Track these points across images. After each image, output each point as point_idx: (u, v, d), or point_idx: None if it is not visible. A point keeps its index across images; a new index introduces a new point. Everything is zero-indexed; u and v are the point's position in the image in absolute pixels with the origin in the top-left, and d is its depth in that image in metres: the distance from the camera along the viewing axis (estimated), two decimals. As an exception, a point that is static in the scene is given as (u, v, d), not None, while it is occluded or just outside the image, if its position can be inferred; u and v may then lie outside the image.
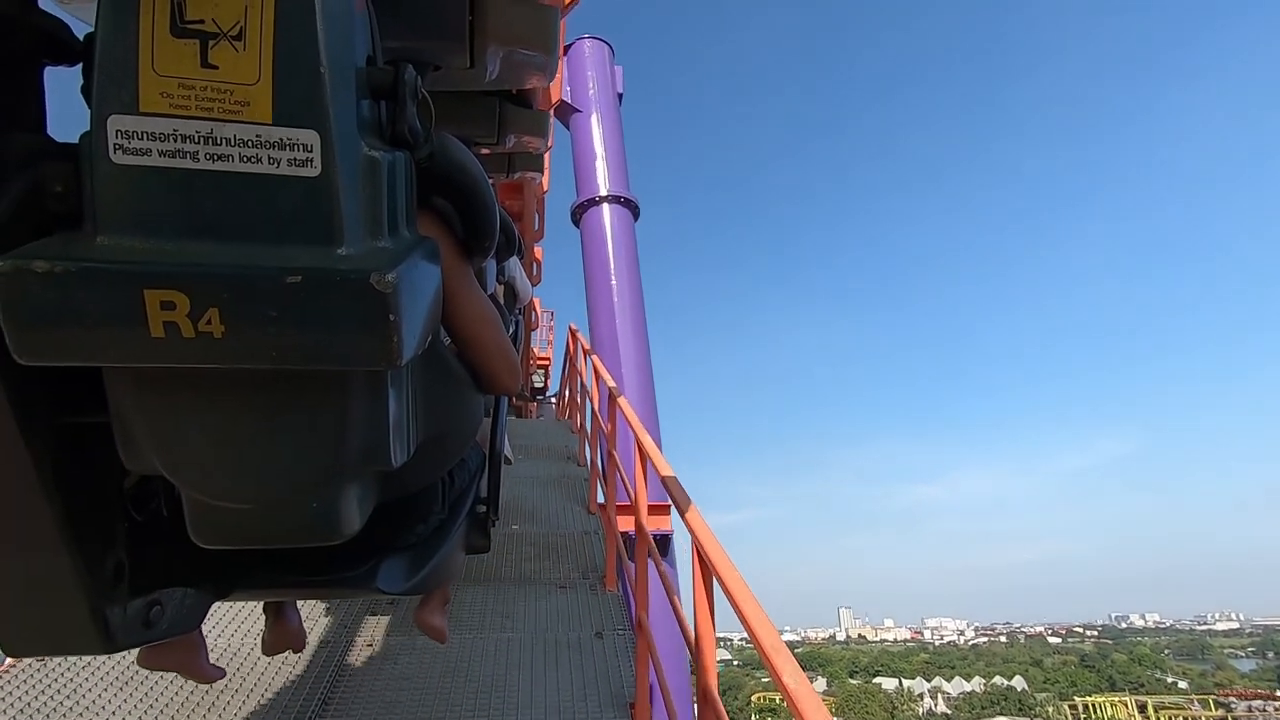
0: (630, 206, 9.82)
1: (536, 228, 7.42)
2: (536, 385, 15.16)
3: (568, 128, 10.33)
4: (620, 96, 10.76)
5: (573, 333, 7.26)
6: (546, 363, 15.64)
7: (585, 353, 5.96)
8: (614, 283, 9.16)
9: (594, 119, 10.19)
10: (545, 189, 6.90)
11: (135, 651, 0.98)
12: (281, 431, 0.73)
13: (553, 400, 15.57)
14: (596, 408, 4.93)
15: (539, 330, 14.69)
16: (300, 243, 0.67)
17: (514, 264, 1.67)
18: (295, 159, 0.66)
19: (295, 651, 1.59)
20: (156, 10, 0.64)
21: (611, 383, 4.39)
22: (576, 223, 9.88)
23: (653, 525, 4.86)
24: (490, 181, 0.98)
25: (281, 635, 1.52)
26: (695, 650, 1.91)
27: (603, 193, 9.67)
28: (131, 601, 0.85)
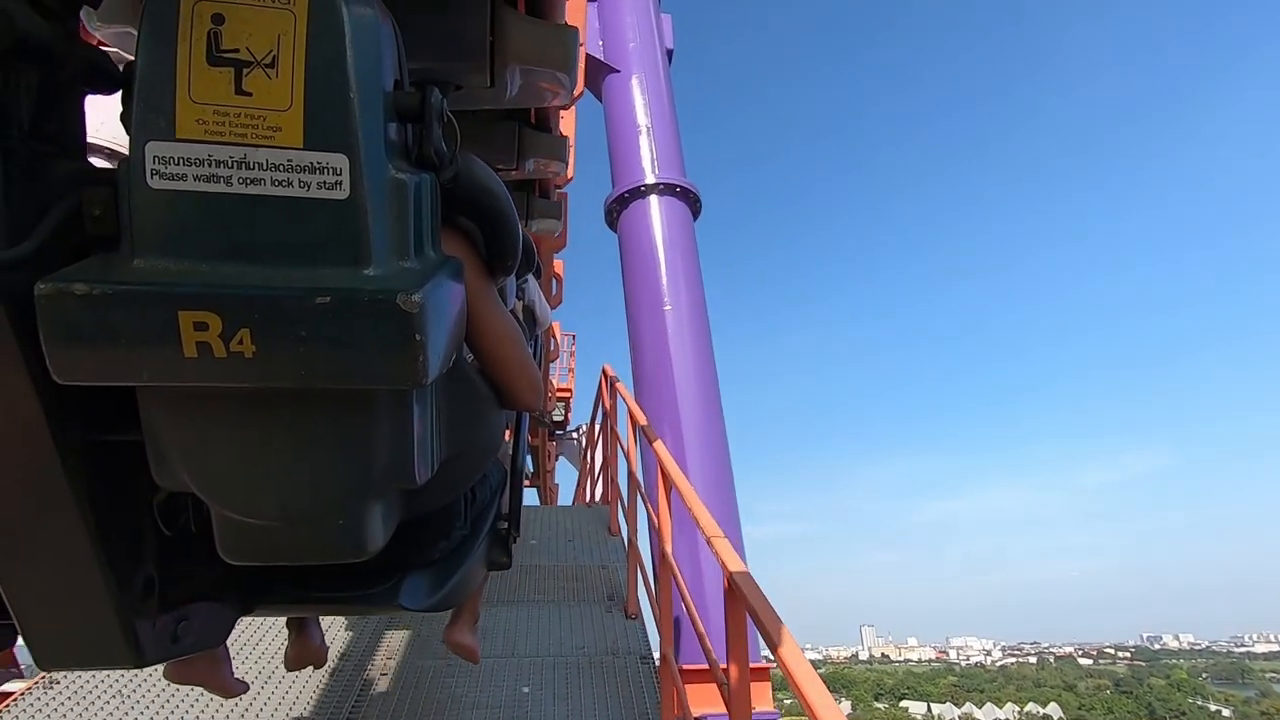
0: (688, 199, 6.88)
1: (557, 234, 5.10)
2: (556, 419, 13.62)
3: (599, 97, 7.54)
4: (670, 54, 7.88)
5: (607, 379, 4.88)
6: (568, 395, 13.68)
7: (636, 425, 3.72)
8: (668, 308, 6.30)
9: (635, 82, 7.22)
10: (569, 177, 4.98)
11: (157, 668, 0.99)
12: (309, 449, 0.74)
13: (574, 436, 14.38)
14: (661, 528, 2.82)
15: (559, 359, 12.91)
16: (329, 264, 0.68)
17: (533, 287, 1.67)
18: (325, 182, 0.68)
19: (317, 667, 1.59)
20: (194, 41, 0.66)
21: (679, 478, 2.60)
22: (612, 224, 7.10)
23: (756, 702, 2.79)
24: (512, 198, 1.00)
25: (304, 651, 1.53)
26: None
27: (649, 180, 6.75)
28: (160, 616, 0.86)
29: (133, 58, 0.68)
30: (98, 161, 0.88)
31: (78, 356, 0.63)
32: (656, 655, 2.87)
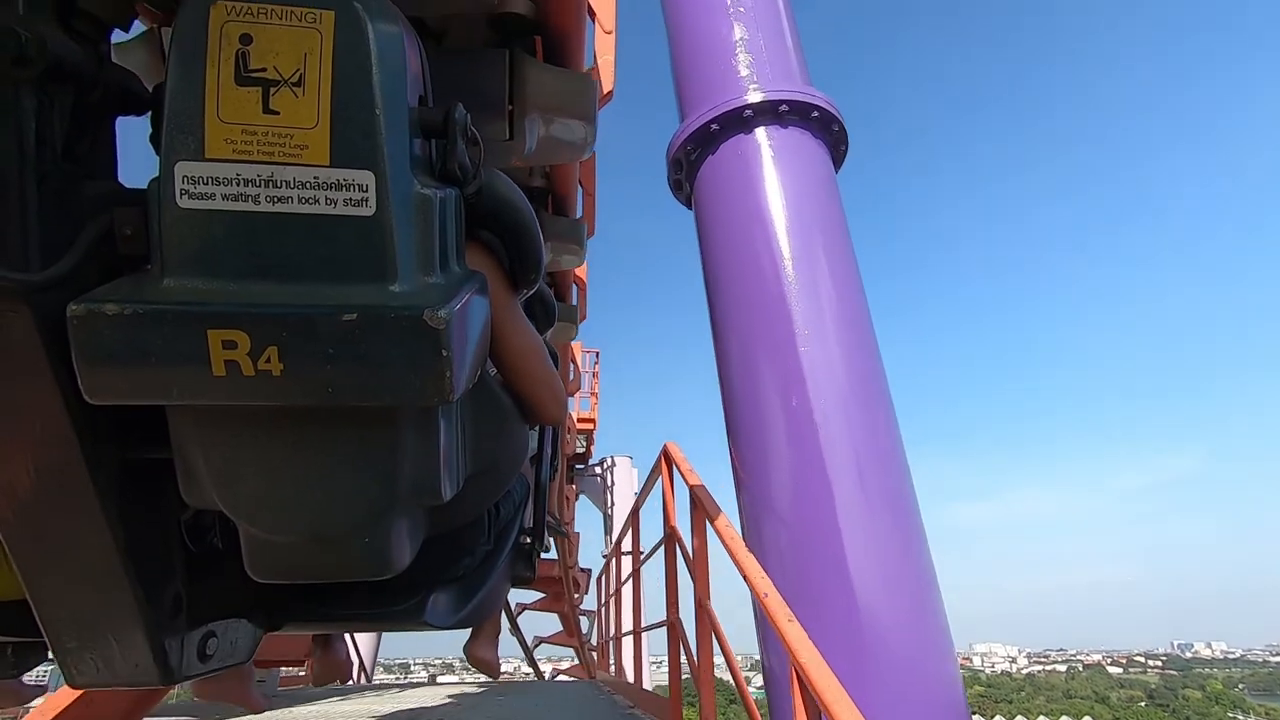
0: (825, 129, 3.93)
1: (579, 214, 2.91)
2: (578, 451, 11.92)
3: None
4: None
5: (669, 460, 3.08)
6: (590, 426, 11.84)
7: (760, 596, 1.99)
8: (803, 334, 3.33)
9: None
10: (606, 91, 2.82)
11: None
12: (335, 467, 0.74)
13: (596, 472, 13.37)
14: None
15: (579, 382, 10.88)
16: (356, 280, 0.68)
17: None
18: (351, 199, 0.68)
19: (342, 682, 1.59)
20: (222, 62, 0.67)
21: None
22: (683, 185, 4.25)
23: None
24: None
25: (330, 666, 1.53)
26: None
27: (753, 98, 3.79)
28: (188, 633, 0.86)
29: (164, 80, 0.69)
30: None
31: (109, 376, 0.64)
32: None
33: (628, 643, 5.41)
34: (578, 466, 12.80)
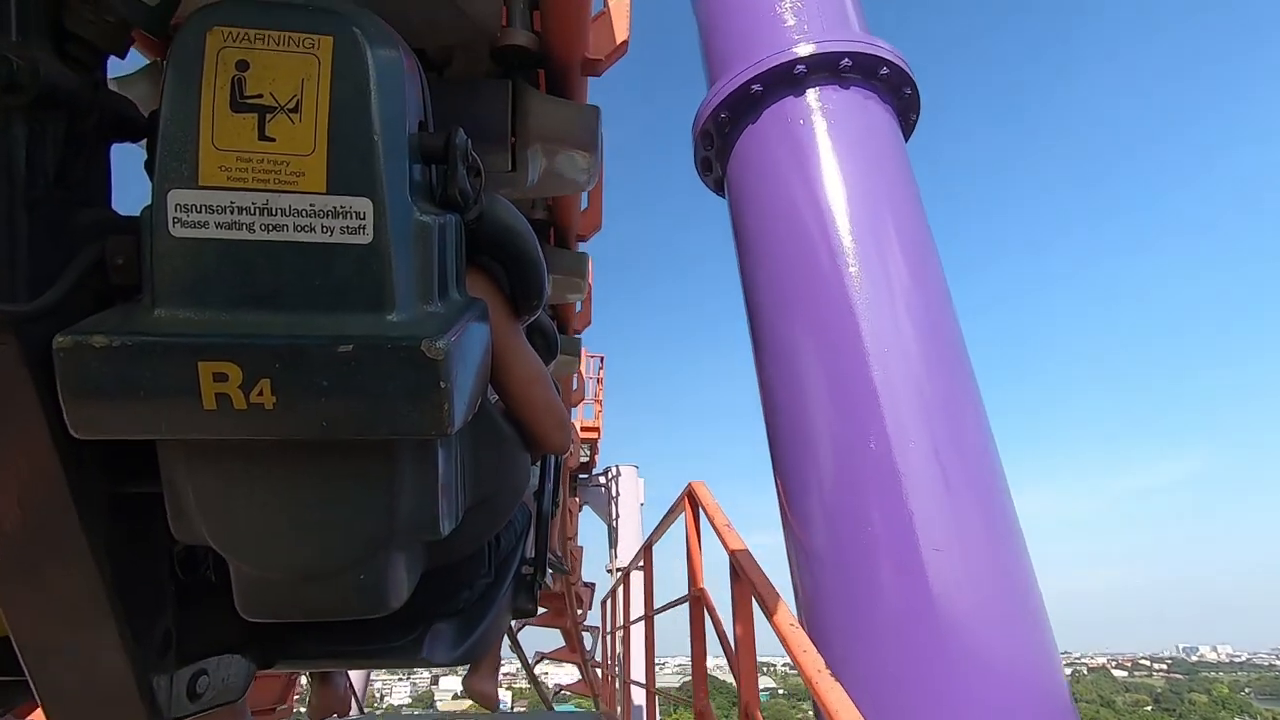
0: (892, 89, 3.03)
1: (584, 206, 2.37)
2: (582, 460, 11.64)
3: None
4: None
5: (694, 503, 2.72)
6: (595, 435, 11.41)
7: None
8: (873, 349, 2.50)
9: None
10: (621, 40, 1.76)
11: None
12: (330, 502, 0.72)
13: (601, 483, 13.20)
14: None
15: (583, 390, 9.46)
16: (352, 310, 0.67)
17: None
18: (348, 227, 0.67)
19: (341, 716, 1.57)
20: (218, 88, 0.65)
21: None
22: (713, 165, 3.40)
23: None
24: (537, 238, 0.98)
25: (328, 700, 1.50)
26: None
27: (803, 50, 2.89)
28: (178, 671, 0.84)
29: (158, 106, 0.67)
30: None
31: (95, 411, 0.62)
32: None
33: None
34: (581, 476, 12.42)
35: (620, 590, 5.14)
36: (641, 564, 3.74)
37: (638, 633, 4.61)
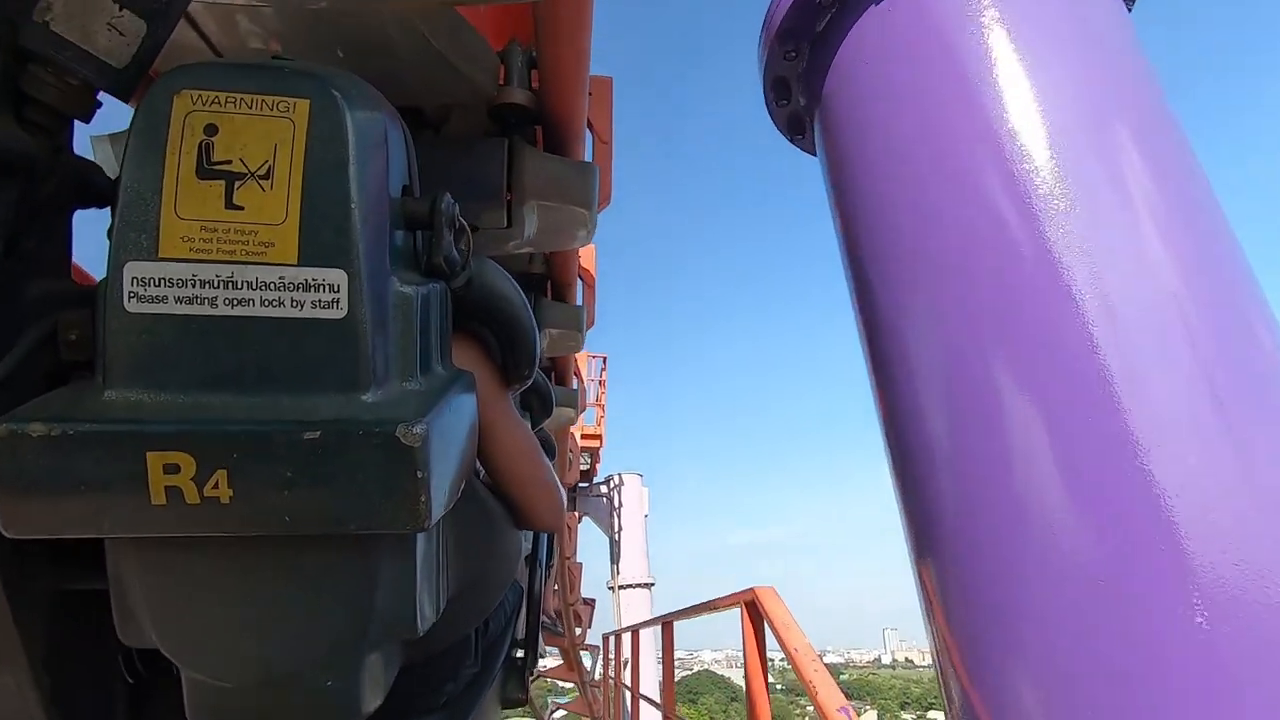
0: None
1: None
2: (583, 468, 11.11)
3: None
4: None
5: (756, 614, 2.44)
6: (597, 442, 11.12)
7: None
8: (1100, 332, 1.16)
9: None
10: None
11: None
12: (293, 601, 0.65)
13: (602, 493, 12.69)
14: None
15: (586, 389, 9.35)
16: (322, 391, 0.61)
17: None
18: (320, 300, 0.62)
19: None
20: (183, 152, 0.61)
21: None
22: (790, 93, 1.80)
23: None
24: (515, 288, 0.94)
25: None
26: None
27: None
28: None
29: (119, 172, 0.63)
30: None
31: (30, 508, 0.56)
32: None
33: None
34: (581, 485, 11.79)
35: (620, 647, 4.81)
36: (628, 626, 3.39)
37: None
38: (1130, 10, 1.67)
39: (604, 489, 13.12)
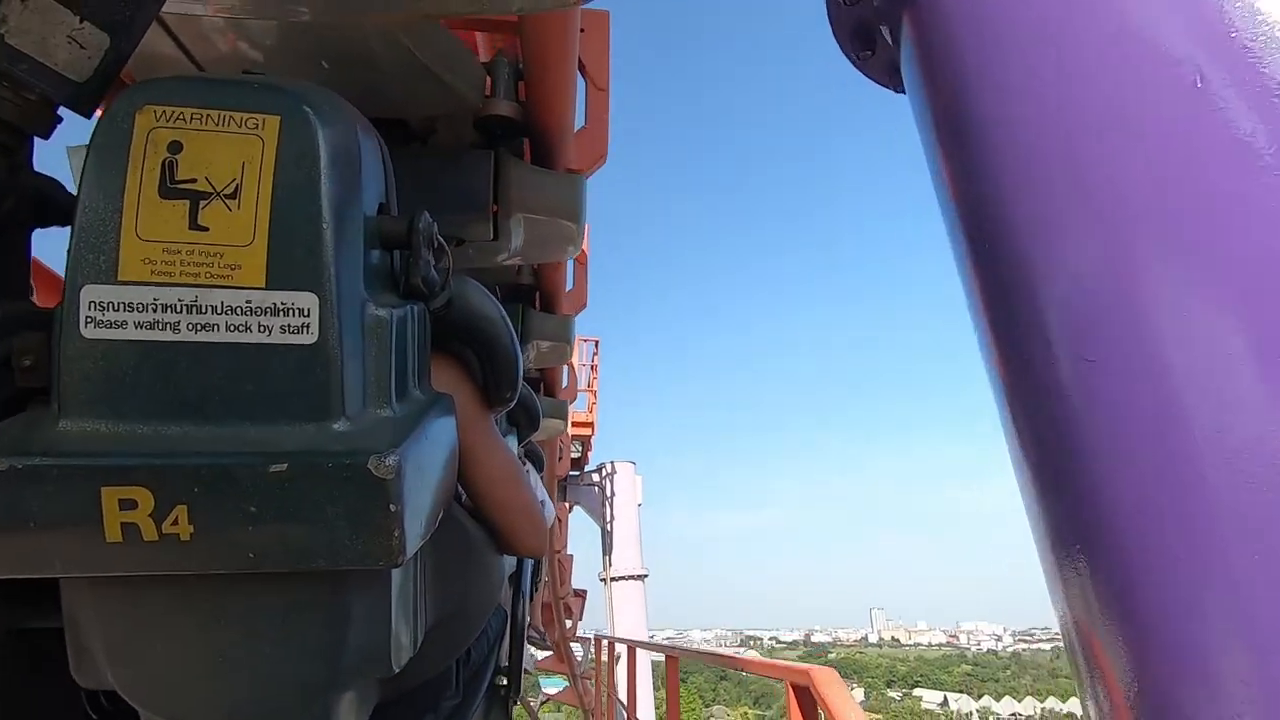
0: None
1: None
2: (574, 457, 10.90)
3: None
4: None
5: (802, 700, 2.47)
6: (588, 430, 10.94)
7: None
8: None
9: None
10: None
11: None
12: (259, 644, 0.62)
13: (594, 481, 12.29)
14: None
15: (577, 376, 9.47)
16: (290, 420, 0.58)
17: (535, 478, 1.42)
18: (289, 325, 0.59)
19: None
20: (145, 172, 0.58)
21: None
22: (871, 31, 0.80)
23: None
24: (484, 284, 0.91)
25: None
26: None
27: None
28: None
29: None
30: None
31: None
32: None
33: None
34: (572, 474, 11.40)
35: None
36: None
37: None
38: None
39: (595, 478, 12.46)
